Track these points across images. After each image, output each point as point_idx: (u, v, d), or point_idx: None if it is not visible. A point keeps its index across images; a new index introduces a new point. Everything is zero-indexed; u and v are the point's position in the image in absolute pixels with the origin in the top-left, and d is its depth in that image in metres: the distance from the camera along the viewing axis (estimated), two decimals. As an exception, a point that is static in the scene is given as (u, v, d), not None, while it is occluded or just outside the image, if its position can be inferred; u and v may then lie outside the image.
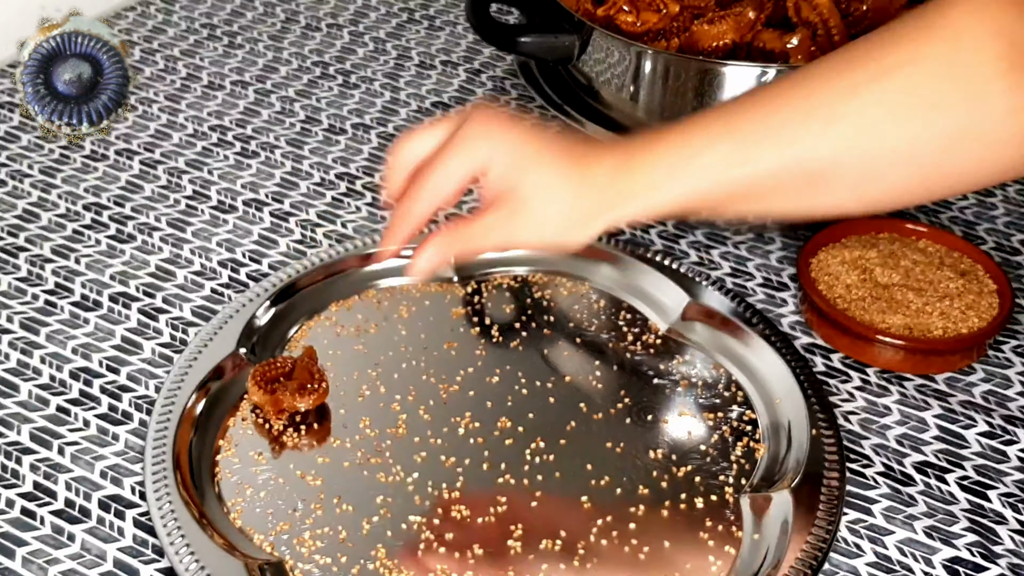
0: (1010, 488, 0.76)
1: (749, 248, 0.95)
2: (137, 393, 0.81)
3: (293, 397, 0.77)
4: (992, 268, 0.87)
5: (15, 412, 0.79)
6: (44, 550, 0.71)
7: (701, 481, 0.75)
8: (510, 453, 0.76)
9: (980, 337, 0.82)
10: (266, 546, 0.70)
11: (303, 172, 1.02)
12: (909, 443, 0.79)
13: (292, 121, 1.08)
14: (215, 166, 1.02)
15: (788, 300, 0.90)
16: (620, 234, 0.95)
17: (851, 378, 0.83)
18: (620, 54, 0.94)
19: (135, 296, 0.89)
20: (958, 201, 1.00)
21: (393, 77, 1.14)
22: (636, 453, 0.76)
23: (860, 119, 0.66)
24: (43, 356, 0.83)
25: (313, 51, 1.18)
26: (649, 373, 0.82)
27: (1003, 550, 0.72)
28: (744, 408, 0.80)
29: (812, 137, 0.66)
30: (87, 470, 0.75)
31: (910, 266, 0.86)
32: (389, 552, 0.70)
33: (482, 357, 0.83)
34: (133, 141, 1.05)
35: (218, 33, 1.20)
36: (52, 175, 1.00)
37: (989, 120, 0.64)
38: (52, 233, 0.94)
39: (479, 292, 0.89)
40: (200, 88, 1.12)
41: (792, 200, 0.70)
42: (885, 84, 0.65)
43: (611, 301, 0.88)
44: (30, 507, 0.73)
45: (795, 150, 0.67)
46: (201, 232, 0.95)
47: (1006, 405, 0.81)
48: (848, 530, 0.73)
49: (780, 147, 0.67)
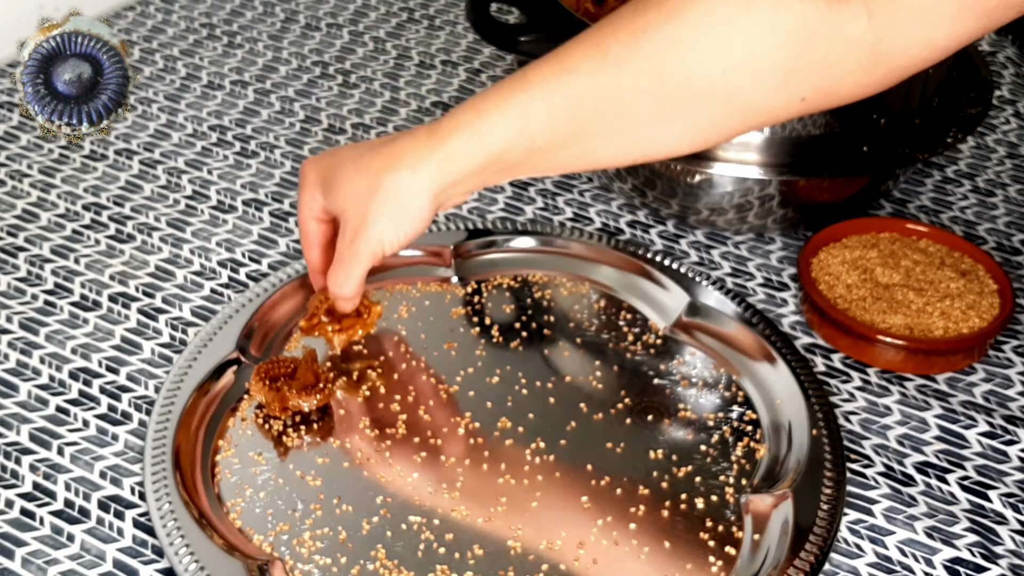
0: (1011, 488, 0.76)
1: (749, 248, 0.94)
2: (136, 393, 0.81)
3: (299, 396, 0.77)
4: (993, 268, 0.87)
5: (14, 412, 0.79)
6: (43, 550, 0.70)
7: (701, 481, 0.75)
8: (510, 453, 0.76)
9: (981, 337, 0.82)
10: (266, 546, 0.70)
11: (303, 172, 1.02)
12: (910, 443, 0.79)
13: (292, 121, 1.08)
14: (215, 166, 1.02)
15: (788, 300, 0.90)
16: (620, 234, 0.95)
17: (852, 378, 0.83)
18: (620, 54, 0.93)
19: (135, 296, 0.88)
20: (959, 201, 1.00)
21: (393, 77, 1.14)
22: (636, 453, 0.76)
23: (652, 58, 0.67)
24: (42, 356, 0.83)
25: (313, 51, 1.18)
26: (649, 373, 0.82)
27: (1004, 550, 0.72)
28: (745, 408, 0.80)
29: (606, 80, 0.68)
30: (86, 470, 0.75)
31: (911, 266, 0.86)
32: (389, 552, 0.70)
33: (482, 357, 0.83)
34: (132, 141, 1.05)
35: (217, 33, 1.20)
36: (51, 175, 1.00)
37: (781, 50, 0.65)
38: (51, 233, 0.94)
39: (479, 292, 0.89)
40: (200, 88, 1.12)
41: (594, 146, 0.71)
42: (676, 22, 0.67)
43: (611, 301, 0.88)
44: (29, 507, 0.73)
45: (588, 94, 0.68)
46: (201, 232, 0.95)
47: (1007, 405, 0.81)
48: (849, 530, 0.73)
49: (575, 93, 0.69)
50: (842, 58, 0.66)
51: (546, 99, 0.69)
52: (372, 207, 0.73)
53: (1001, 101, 1.13)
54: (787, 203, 0.91)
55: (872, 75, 0.67)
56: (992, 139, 1.08)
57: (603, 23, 0.70)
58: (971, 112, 0.94)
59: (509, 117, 0.70)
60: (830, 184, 0.91)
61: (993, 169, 1.04)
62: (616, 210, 0.98)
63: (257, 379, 0.78)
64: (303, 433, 0.77)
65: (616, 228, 0.96)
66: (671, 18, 0.67)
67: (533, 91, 0.70)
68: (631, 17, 0.68)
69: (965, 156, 1.06)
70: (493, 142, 0.71)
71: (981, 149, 1.07)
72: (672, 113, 0.69)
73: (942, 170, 1.04)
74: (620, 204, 0.98)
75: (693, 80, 0.67)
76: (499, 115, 0.70)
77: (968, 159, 1.05)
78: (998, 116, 1.11)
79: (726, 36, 0.66)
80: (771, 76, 0.67)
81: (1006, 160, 1.06)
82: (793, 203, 0.92)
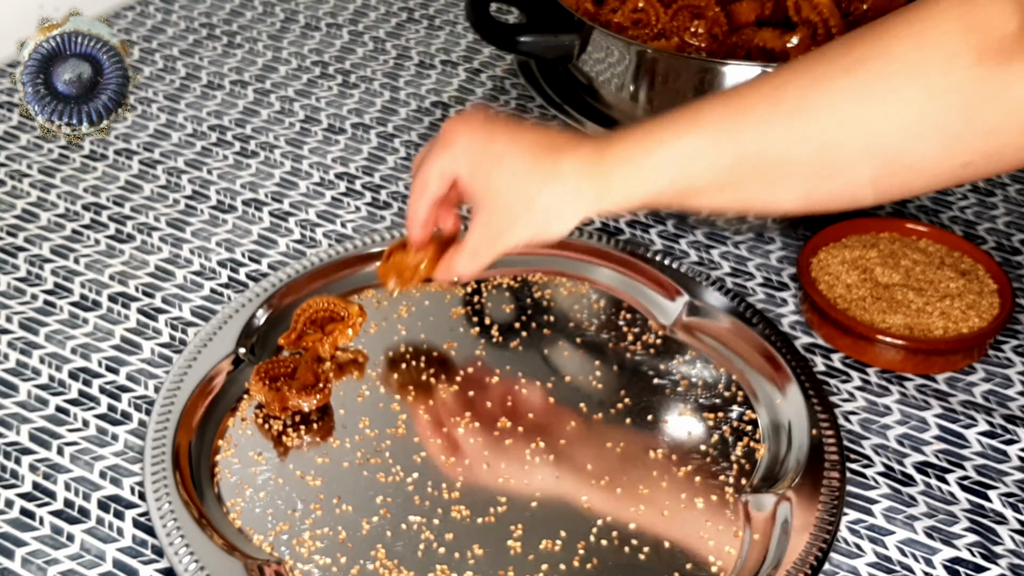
0: (1011, 488, 0.76)
1: (749, 248, 0.95)
2: (136, 393, 0.81)
3: (299, 396, 0.77)
4: (993, 268, 0.87)
5: (14, 412, 0.79)
6: (43, 550, 0.70)
7: (701, 481, 0.75)
8: (510, 453, 0.76)
9: (981, 337, 0.82)
10: (265, 546, 0.70)
11: (302, 172, 1.02)
12: (909, 443, 0.79)
13: (291, 121, 1.08)
14: (214, 166, 1.02)
15: (788, 300, 0.90)
16: (620, 234, 0.95)
17: (851, 378, 0.83)
18: (620, 53, 0.94)
19: (134, 296, 0.88)
20: (959, 201, 1.00)
21: (393, 77, 1.14)
22: (636, 453, 0.76)
23: (821, 111, 0.67)
24: (42, 356, 0.83)
25: (312, 51, 1.18)
26: (649, 373, 0.82)
27: (1003, 550, 0.72)
28: (744, 408, 0.80)
29: (774, 128, 0.67)
30: (86, 470, 0.75)
31: (910, 266, 0.86)
32: (389, 552, 0.70)
33: (482, 357, 0.83)
34: (132, 141, 1.05)
35: (217, 33, 1.20)
36: (51, 175, 1.00)
37: (948, 113, 0.64)
38: (51, 233, 0.94)
39: (479, 292, 0.89)
40: (199, 88, 1.12)
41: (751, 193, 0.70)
42: (850, 78, 0.66)
43: (611, 301, 0.88)
44: (29, 507, 0.73)
45: (755, 142, 0.68)
46: (200, 232, 0.95)
47: (1007, 405, 0.81)
48: (848, 530, 0.73)
49: (741, 139, 0.68)
50: (1008, 122, 0.64)
51: (715, 144, 0.69)
52: (525, 214, 0.73)
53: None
54: (787, 203, 0.91)
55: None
56: (992, 139, 1.08)
57: (784, 69, 0.69)
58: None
59: (676, 154, 0.70)
60: (830, 184, 0.90)
61: (993, 169, 1.04)
62: (616, 210, 0.98)
63: (257, 379, 0.78)
64: (303, 433, 0.77)
65: (616, 228, 0.96)
66: (846, 73, 0.66)
67: (704, 133, 0.69)
68: (811, 66, 0.68)
69: (965, 156, 1.06)
70: (655, 180, 0.70)
71: (981, 149, 1.07)
72: (833, 168, 0.68)
73: (942, 170, 1.04)
74: (620, 204, 0.98)
75: (859, 137, 0.66)
76: (667, 152, 0.70)
77: (968, 159, 1.05)
78: (998, 116, 1.11)
79: (897, 96, 0.65)
80: (937, 138, 0.65)
81: (1006, 160, 1.05)
82: (793, 203, 0.92)
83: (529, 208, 0.73)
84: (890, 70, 0.65)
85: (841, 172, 0.68)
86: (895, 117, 0.65)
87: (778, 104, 0.68)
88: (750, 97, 0.69)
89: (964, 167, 0.66)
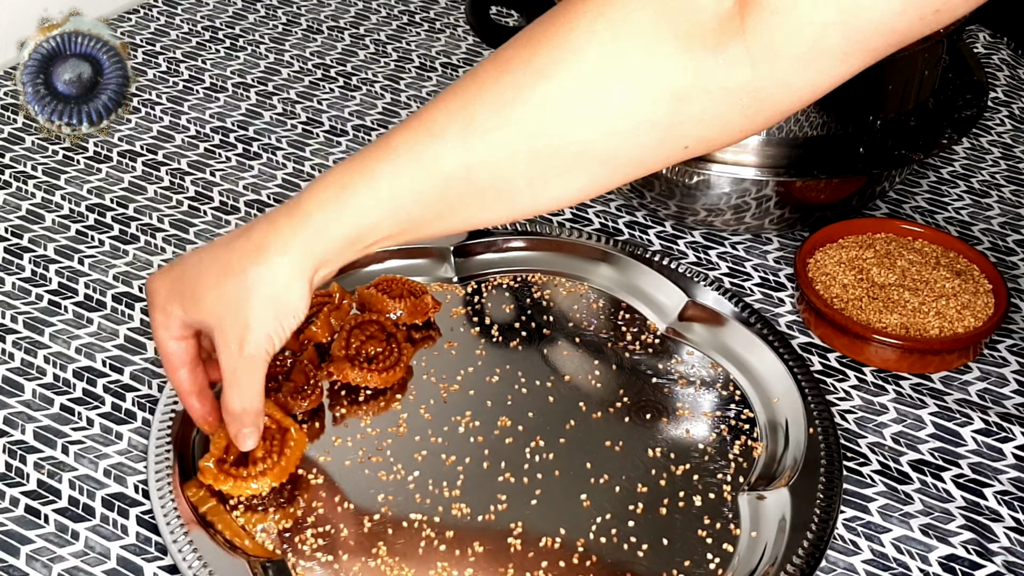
0: (1006, 486, 0.76)
1: (747, 248, 0.95)
2: (140, 392, 0.81)
3: (290, 399, 0.78)
4: (987, 268, 0.88)
5: (19, 411, 0.80)
6: (48, 548, 0.71)
7: (699, 479, 0.75)
8: (510, 452, 0.77)
9: (976, 336, 0.83)
10: (268, 544, 0.71)
11: (305, 174, 1.02)
12: (905, 441, 0.79)
13: (294, 123, 1.08)
14: (217, 167, 1.03)
15: (785, 300, 0.90)
16: (619, 234, 0.95)
17: (848, 377, 0.84)
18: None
19: (138, 296, 0.89)
20: (954, 202, 1.00)
21: (394, 79, 1.15)
22: (635, 452, 0.77)
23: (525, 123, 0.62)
24: (47, 356, 0.84)
25: (314, 53, 1.18)
26: (648, 372, 0.83)
27: (999, 547, 0.73)
28: (742, 407, 0.80)
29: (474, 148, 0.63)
30: (91, 469, 0.76)
31: (906, 266, 0.87)
32: (390, 550, 0.71)
33: (482, 357, 0.84)
34: (136, 143, 1.05)
35: (220, 35, 1.21)
36: (56, 176, 1.01)
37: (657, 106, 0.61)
38: (56, 234, 0.95)
39: (479, 292, 0.89)
40: (202, 90, 1.13)
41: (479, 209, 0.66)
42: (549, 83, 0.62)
43: (610, 301, 0.89)
44: (34, 505, 0.73)
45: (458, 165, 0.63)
46: (204, 233, 0.96)
47: (1002, 403, 0.82)
48: (845, 528, 0.74)
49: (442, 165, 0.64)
50: (722, 109, 0.61)
51: (413, 170, 0.64)
52: (249, 307, 0.66)
53: (996, 103, 1.14)
54: (784, 204, 0.92)
55: (755, 120, 0.63)
56: (987, 140, 1.09)
57: (467, 80, 0.64)
58: (966, 114, 0.95)
59: (376, 189, 0.64)
60: (826, 185, 0.91)
61: (988, 170, 1.05)
62: (615, 211, 0.99)
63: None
64: (305, 431, 0.78)
65: (615, 229, 0.97)
66: (540, 78, 0.61)
67: (399, 160, 0.64)
68: (496, 76, 0.63)
69: (960, 157, 1.06)
70: (361, 217, 0.65)
71: (976, 150, 1.08)
72: (549, 177, 0.64)
73: (937, 171, 1.05)
74: (619, 205, 0.99)
75: (570, 144, 0.62)
76: (365, 187, 0.65)
77: (963, 160, 1.06)
78: (993, 118, 1.12)
79: (601, 97, 0.61)
80: (650, 133, 0.62)
81: (1000, 161, 1.06)
82: (790, 204, 0.92)
83: (249, 296, 0.66)
84: (589, 69, 0.61)
85: (558, 180, 0.64)
86: (604, 119, 0.62)
87: (471, 122, 0.63)
88: (439, 115, 0.64)
89: (686, 150, 0.64)
